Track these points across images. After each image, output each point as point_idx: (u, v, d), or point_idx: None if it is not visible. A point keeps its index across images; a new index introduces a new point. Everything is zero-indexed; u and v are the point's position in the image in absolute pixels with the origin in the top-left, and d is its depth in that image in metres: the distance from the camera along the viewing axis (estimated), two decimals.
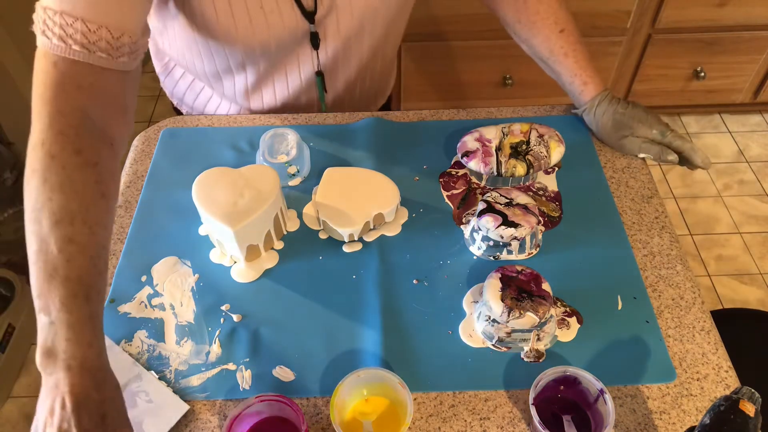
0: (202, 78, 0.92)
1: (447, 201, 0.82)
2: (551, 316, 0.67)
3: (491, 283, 0.67)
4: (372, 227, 0.78)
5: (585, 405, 0.63)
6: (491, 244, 0.74)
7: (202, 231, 0.79)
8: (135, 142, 0.91)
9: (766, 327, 1.07)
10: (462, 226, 0.79)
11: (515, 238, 0.73)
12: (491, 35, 1.68)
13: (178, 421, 0.63)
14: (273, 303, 0.72)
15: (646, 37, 1.81)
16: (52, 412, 0.51)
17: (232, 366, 0.67)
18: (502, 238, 0.73)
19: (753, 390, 0.50)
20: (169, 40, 0.88)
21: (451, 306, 0.72)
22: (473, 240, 0.76)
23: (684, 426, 0.62)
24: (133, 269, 0.75)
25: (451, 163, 0.87)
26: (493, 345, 0.68)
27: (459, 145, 0.83)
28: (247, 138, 0.89)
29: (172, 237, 0.79)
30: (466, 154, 0.82)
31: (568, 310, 0.71)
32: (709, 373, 0.66)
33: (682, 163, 0.83)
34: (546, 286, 0.66)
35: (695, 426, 0.53)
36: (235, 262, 0.76)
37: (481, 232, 0.74)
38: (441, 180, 0.85)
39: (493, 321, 0.66)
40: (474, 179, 0.85)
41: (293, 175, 0.84)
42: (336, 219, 0.76)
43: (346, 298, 0.73)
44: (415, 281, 0.74)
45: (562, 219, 0.80)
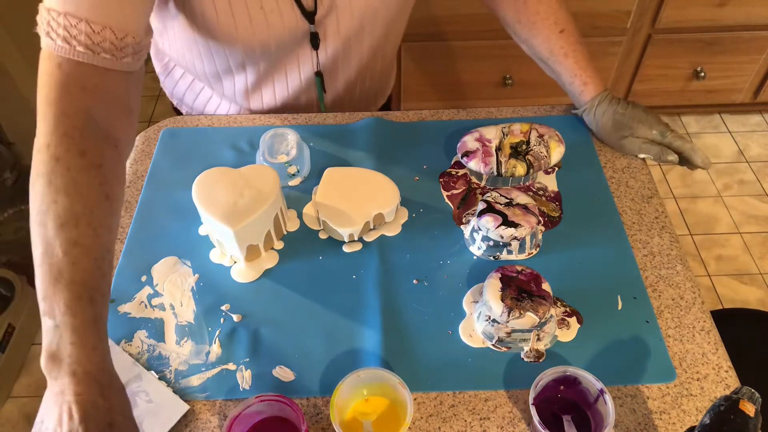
0: (202, 78, 0.92)
1: (447, 201, 0.82)
2: (551, 316, 0.67)
3: (491, 283, 0.67)
4: (372, 227, 0.78)
5: (585, 405, 0.63)
6: (491, 244, 0.74)
7: (202, 231, 0.79)
8: (135, 142, 0.91)
9: (766, 327, 1.07)
10: (462, 226, 0.79)
11: (515, 238, 0.73)
12: (491, 35, 1.68)
13: (178, 421, 0.63)
14: (273, 303, 0.72)
15: (646, 37, 1.81)
16: (61, 422, 0.51)
17: (232, 366, 0.67)
18: (502, 238, 0.73)
19: (753, 390, 0.50)
20: (169, 41, 0.88)
21: (451, 306, 0.72)
22: (473, 240, 0.76)
23: (684, 426, 0.62)
24: (133, 269, 0.75)
25: (451, 163, 0.87)
26: (493, 345, 0.68)
27: (459, 145, 0.83)
28: (247, 138, 0.89)
29: (172, 237, 0.79)
30: (466, 154, 0.82)
31: (568, 310, 0.71)
32: (709, 373, 0.66)
33: (682, 163, 0.83)
34: (546, 286, 0.66)
35: (695, 426, 0.53)
36: (235, 262, 0.76)
37: (481, 232, 0.74)
38: (441, 180, 0.85)
39: (493, 321, 0.66)
40: (474, 179, 0.85)
41: (293, 175, 0.84)
42: (336, 219, 0.76)
43: (346, 298, 0.73)
44: (415, 281, 0.74)
45: (562, 219, 0.80)
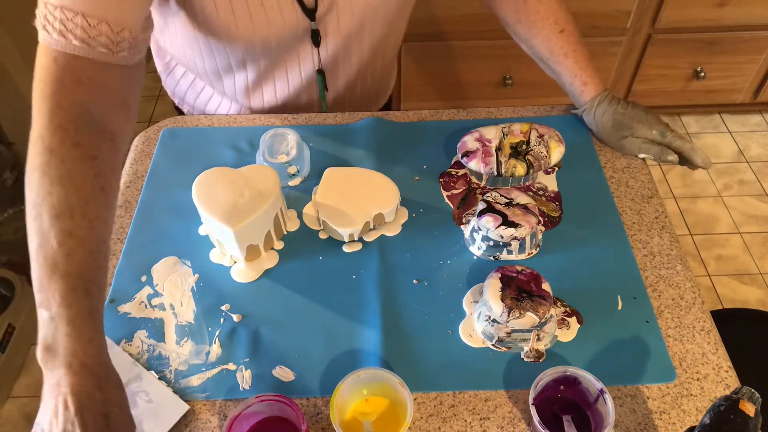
0: (202, 76, 0.92)
1: (447, 201, 0.82)
2: (551, 316, 0.67)
3: (491, 283, 0.67)
4: (372, 227, 0.78)
5: (585, 405, 0.63)
6: (491, 244, 0.74)
7: (202, 231, 0.79)
8: (135, 142, 0.91)
9: (766, 327, 1.07)
10: (462, 226, 0.79)
11: (515, 238, 0.73)
12: (491, 35, 1.68)
13: (178, 421, 0.63)
14: (273, 303, 0.72)
15: (646, 37, 1.81)
16: (56, 413, 0.51)
17: (232, 366, 0.67)
18: (502, 238, 0.73)
19: (753, 390, 0.50)
20: (170, 38, 0.88)
21: (451, 306, 0.72)
22: (473, 240, 0.76)
23: (684, 426, 0.62)
24: (133, 269, 0.75)
25: (451, 163, 0.87)
26: (493, 345, 0.68)
27: (459, 145, 0.83)
28: (247, 138, 0.89)
29: (172, 237, 0.79)
30: (466, 154, 0.82)
31: (568, 310, 0.71)
32: (709, 373, 0.66)
33: (683, 163, 0.83)
34: (546, 286, 0.66)
35: (695, 426, 0.53)
36: (235, 262, 0.76)
37: (481, 232, 0.74)
38: (441, 180, 0.85)
39: (493, 321, 0.66)
40: (474, 179, 0.85)
41: (293, 175, 0.84)
42: (336, 219, 0.76)
43: (346, 298, 0.72)
44: (415, 281, 0.74)
45: (562, 219, 0.80)
